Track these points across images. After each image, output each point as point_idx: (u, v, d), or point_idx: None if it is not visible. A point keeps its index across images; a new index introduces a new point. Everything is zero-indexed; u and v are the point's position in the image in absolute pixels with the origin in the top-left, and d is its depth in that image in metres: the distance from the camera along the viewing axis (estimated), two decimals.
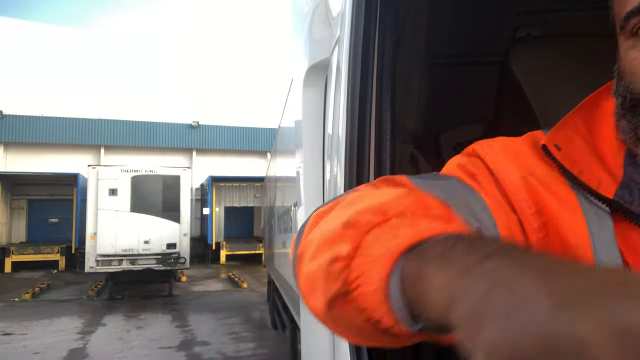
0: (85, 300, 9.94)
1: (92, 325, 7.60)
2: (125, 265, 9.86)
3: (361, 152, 0.93)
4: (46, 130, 17.92)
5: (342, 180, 0.98)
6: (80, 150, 18.32)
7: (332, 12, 1.20)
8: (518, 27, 1.55)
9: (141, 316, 8.32)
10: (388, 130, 0.96)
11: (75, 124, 18.51)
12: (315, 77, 1.39)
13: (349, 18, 0.97)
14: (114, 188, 9.99)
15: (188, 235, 10.78)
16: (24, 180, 15.24)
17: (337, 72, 1.08)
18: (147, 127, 19.71)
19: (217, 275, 14.61)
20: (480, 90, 1.53)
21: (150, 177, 10.59)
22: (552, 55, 1.16)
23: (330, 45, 1.19)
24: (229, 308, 8.95)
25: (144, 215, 10.18)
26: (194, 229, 19.52)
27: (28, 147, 17.80)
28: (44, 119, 17.94)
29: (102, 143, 18.91)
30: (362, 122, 0.94)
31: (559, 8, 1.55)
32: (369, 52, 0.94)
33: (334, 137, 1.07)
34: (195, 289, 11.56)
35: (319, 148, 1.33)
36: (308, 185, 1.39)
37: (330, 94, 1.16)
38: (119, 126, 19.21)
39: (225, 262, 17.38)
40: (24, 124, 17.63)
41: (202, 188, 18.97)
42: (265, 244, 9.63)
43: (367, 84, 0.94)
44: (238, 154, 20.94)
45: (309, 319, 1.22)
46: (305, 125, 1.42)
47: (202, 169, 20.08)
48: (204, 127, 20.59)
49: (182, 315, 8.46)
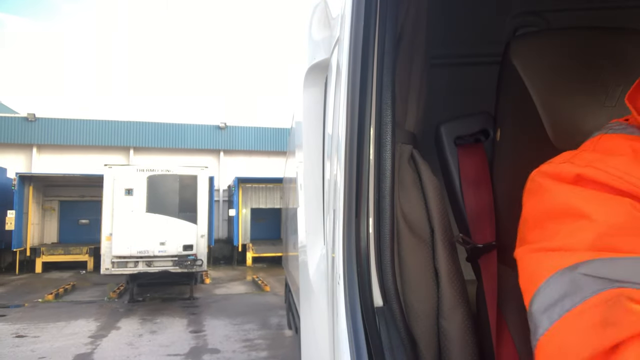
0: (106, 302, 10.04)
1: (106, 329, 7.61)
2: (141, 267, 9.75)
3: (361, 152, 0.95)
4: (77, 132, 18.50)
5: (342, 181, 1.00)
6: (111, 152, 18.80)
7: (332, 13, 1.23)
8: (518, 28, 1.61)
9: (157, 320, 8.30)
10: (388, 130, 0.98)
11: (105, 125, 19.02)
12: (315, 78, 1.43)
13: (349, 18, 1.00)
14: (129, 188, 9.89)
15: (205, 236, 10.61)
16: (56, 181, 15.73)
17: (337, 73, 1.11)
18: (175, 129, 19.99)
19: (242, 278, 14.52)
20: (481, 90, 1.56)
21: (167, 177, 10.42)
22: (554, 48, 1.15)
23: (330, 45, 1.23)
24: (247, 312, 8.87)
25: (160, 216, 10.03)
26: (221, 230, 19.64)
27: (60, 149, 18.43)
28: (75, 121, 18.54)
29: (132, 144, 19.34)
30: (362, 122, 0.96)
31: (559, 8, 1.62)
32: (369, 52, 0.96)
33: (334, 137, 1.10)
34: (218, 292, 11.52)
35: (319, 148, 1.36)
36: (307, 185, 1.41)
37: (330, 94, 1.19)
38: (147, 128, 19.59)
39: (252, 264, 17.35)
40: (56, 126, 18.27)
41: (229, 189, 19.02)
42: (284, 244, 9.61)
43: (367, 84, 0.96)
44: (265, 154, 20.89)
45: (309, 321, 1.29)
46: (306, 125, 1.45)
47: (229, 169, 20.18)
48: (231, 128, 20.68)
49: (198, 319, 8.41)
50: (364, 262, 0.91)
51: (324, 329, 1.03)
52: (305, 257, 1.29)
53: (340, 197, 0.97)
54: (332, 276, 1.00)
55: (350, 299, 0.90)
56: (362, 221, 0.93)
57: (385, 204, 0.94)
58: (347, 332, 0.88)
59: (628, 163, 0.56)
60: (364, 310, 0.88)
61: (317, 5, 1.42)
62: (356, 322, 0.88)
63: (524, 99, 1.13)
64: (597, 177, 0.56)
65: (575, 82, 1.04)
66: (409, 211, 1.00)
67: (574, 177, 0.59)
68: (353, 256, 0.92)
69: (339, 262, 0.95)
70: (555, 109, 1.04)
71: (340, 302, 0.92)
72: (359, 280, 0.91)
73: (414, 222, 1.00)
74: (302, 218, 1.48)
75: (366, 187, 0.94)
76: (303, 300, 1.46)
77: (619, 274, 0.47)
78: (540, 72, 1.12)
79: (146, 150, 19.44)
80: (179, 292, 10.97)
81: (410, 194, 1.02)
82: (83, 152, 18.50)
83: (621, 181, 0.54)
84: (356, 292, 0.90)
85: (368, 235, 0.93)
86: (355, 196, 0.94)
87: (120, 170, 10.27)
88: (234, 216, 16.95)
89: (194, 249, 10.20)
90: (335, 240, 0.99)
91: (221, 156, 20.63)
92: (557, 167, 0.62)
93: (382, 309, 0.90)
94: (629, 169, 0.55)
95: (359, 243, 0.93)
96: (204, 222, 10.65)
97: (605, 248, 0.50)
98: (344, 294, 0.91)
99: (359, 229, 0.93)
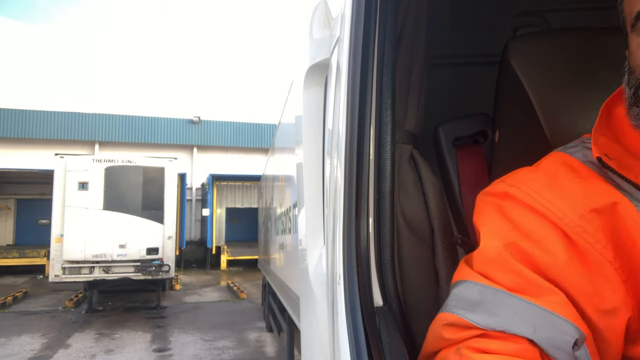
0: (60, 312, 9.51)
1: (53, 348, 6.98)
2: (98, 274, 9.06)
3: (361, 152, 0.99)
4: (36, 125, 18.04)
5: (341, 180, 1.03)
6: (74, 146, 18.39)
7: (332, 13, 1.28)
8: (518, 28, 1.69)
9: (116, 334, 7.79)
10: (388, 130, 1.02)
11: (68, 118, 18.61)
12: (315, 78, 1.47)
13: (349, 18, 1.03)
14: (84, 181, 9.05)
15: (174, 238, 9.99)
16: (10, 177, 15.31)
17: (337, 73, 1.14)
18: (145, 122, 19.72)
19: (215, 283, 14.42)
20: (480, 90, 1.60)
21: (128, 169, 9.51)
22: (552, 49, 1.22)
23: (330, 45, 1.27)
24: (221, 325, 8.50)
25: (120, 214, 9.20)
26: (193, 231, 19.46)
27: (16, 142, 17.93)
28: (33, 112, 18.07)
29: (97, 139, 18.98)
30: (362, 123, 0.99)
31: (559, 8, 1.69)
32: (369, 52, 1.00)
33: (334, 137, 1.14)
34: (189, 300, 11.29)
35: (319, 148, 1.41)
36: (308, 187, 1.46)
37: (330, 95, 1.23)
38: (115, 121, 19.26)
39: (227, 268, 17.24)
40: (13, 117, 17.76)
41: (203, 187, 18.84)
42: (261, 245, 9.55)
43: (367, 84, 0.99)
44: (242, 151, 20.80)
45: (309, 320, 1.34)
46: (305, 126, 1.49)
47: (203, 166, 20.01)
48: (205, 123, 20.51)
49: (165, 333, 7.94)
50: (364, 262, 0.96)
51: (324, 329, 1.07)
52: (305, 257, 1.34)
53: (340, 197, 1.02)
54: (332, 276, 1.04)
55: (350, 299, 0.95)
56: (362, 221, 0.98)
57: (385, 204, 1.00)
58: (347, 332, 0.93)
59: (543, 186, 0.75)
60: (364, 310, 0.93)
61: (317, 5, 1.47)
62: (356, 322, 0.92)
63: (522, 100, 1.19)
64: (516, 195, 0.75)
65: (572, 82, 1.11)
66: (409, 211, 1.06)
67: (502, 194, 0.78)
68: (353, 256, 0.97)
69: (339, 262, 0.99)
70: (553, 110, 1.11)
71: (340, 302, 0.97)
72: (359, 280, 0.95)
73: (414, 222, 1.05)
74: (302, 219, 1.53)
75: (366, 187, 0.99)
76: (303, 300, 1.50)
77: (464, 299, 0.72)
78: (538, 73, 1.19)
79: (113, 145, 19.10)
80: (145, 299, 10.48)
81: (410, 194, 1.07)
82: (43, 146, 18.04)
83: (531, 200, 0.73)
84: (356, 292, 0.95)
85: (368, 235, 0.98)
86: (355, 196, 0.99)
87: (73, 160, 9.38)
88: (207, 216, 16.81)
89: (159, 252, 9.46)
90: (335, 240, 1.03)
91: (195, 152, 20.44)
92: (492, 186, 0.82)
93: (382, 309, 0.95)
94: (541, 190, 0.74)
95: (359, 243, 0.97)
96: (172, 222, 9.94)
97: (476, 266, 0.75)
98: (344, 294, 0.96)
99: (359, 229, 0.98)
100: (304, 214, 1.44)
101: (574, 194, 0.71)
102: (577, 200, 0.70)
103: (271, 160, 7.49)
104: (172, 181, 10.14)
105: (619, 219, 0.67)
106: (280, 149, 5.68)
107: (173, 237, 9.92)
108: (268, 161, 8.49)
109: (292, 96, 3.65)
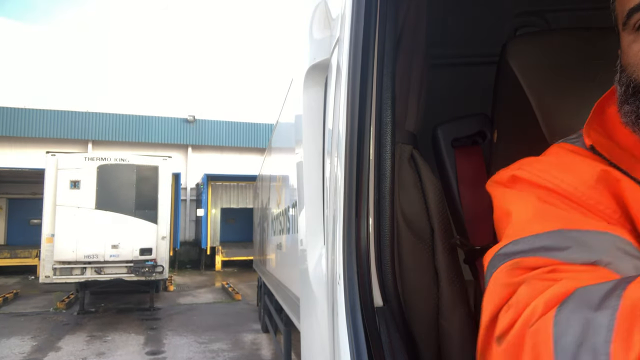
0: (51, 313, 9.39)
1: (43, 350, 6.89)
2: (90, 275, 8.91)
3: (361, 152, 1.00)
4: (27, 123, 17.94)
5: (342, 181, 1.04)
6: (66, 145, 18.29)
7: (332, 13, 1.29)
8: (518, 28, 1.69)
9: (108, 336, 7.71)
10: (388, 130, 1.04)
11: (61, 116, 18.52)
12: (315, 78, 1.49)
13: (349, 19, 1.04)
14: (76, 180, 8.90)
15: (167, 238, 9.83)
16: (3, 176, 15.21)
17: (337, 73, 1.15)
18: (139, 121, 19.66)
19: (210, 284, 14.39)
20: (481, 90, 1.62)
21: (121, 168, 9.35)
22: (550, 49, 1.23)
23: (330, 45, 1.28)
24: (216, 327, 8.42)
25: (113, 214, 9.05)
26: (188, 232, 19.42)
27: (6, 141, 17.81)
28: (27, 111, 17.97)
29: (90, 138, 18.90)
30: (362, 123, 1.00)
31: (559, 8, 1.71)
32: (369, 52, 1.01)
33: (334, 137, 1.15)
34: (183, 301, 11.23)
35: (319, 148, 1.42)
36: (308, 187, 1.47)
37: (330, 95, 1.24)
38: (108, 120, 19.19)
39: (221, 269, 17.22)
40: (4, 116, 17.66)
41: (198, 187, 18.81)
42: (256, 246, 9.50)
43: (367, 84, 1.01)
44: (237, 150, 20.78)
45: (309, 320, 1.36)
46: (306, 126, 1.51)
47: (198, 166, 19.97)
48: (200, 122, 20.47)
49: (158, 336, 7.86)
50: (364, 262, 0.97)
51: (324, 329, 1.08)
52: (305, 257, 1.35)
53: (340, 197, 1.03)
54: (332, 276, 1.05)
55: (350, 299, 0.96)
56: (362, 221, 0.99)
57: (385, 204, 1.01)
58: (347, 332, 0.94)
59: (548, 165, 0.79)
60: (364, 310, 0.94)
61: (317, 6, 1.48)
62: (356, 322, 0.93)
63: (520, 99, 1.21)
64: (522, 176, 0.79)
65: (571, 83, 1.12)
66: (409, 211, 1.07)
67: (509, 178, 0.81)
68: (353, 256, 0.98)
69: (339, 262, 1.00)
70: (551, 110, 1.13)
71: (340, 302, 0.98)
72: (359, 280, 0.96)
73: (414, 222, 1.07)
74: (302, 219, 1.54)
75: (366, 187, 1.00)
76: (303, 300, 1.51)
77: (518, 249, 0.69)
78: (536, 73, 1.20)
79: (106, 144, 19.03)
80: (138, 301, 10.38)
81: (410, 194, 1.08)
82: (35, 145, 17.94)
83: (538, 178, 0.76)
84: (356, 292, 0.96)
85: (368, 235, 0.99)
86: (355, 196, 1.00)
87: (65, 158, 9.20)
88: (202, 216, 16.78)
89: (153, 253, 9.31)
90: (335, 240, 1.04)
91: (189, 152, 20.40)
92: (497, 175, 0.86)
93: (382, 309, 0.96)
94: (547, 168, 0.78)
95: (359, 243, 0.98)
96: (166, 222, 9.77)
97: (516, 235, 0.72)
98: (344, 294, 0.97)
99: (359, 229, 0.99)
100: (303, 214, 1.45)
101: (580, 169, 0.73)
102: (585, 174, 0.72)
103: (268, 160, 7.46)
104: (166, 180, 9.98)
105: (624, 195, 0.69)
106: (278, 148, 5.65)
107: (167, 237, 9.77)
108: (264, 161, 8.48)
109: (291, 96, 3.67)
